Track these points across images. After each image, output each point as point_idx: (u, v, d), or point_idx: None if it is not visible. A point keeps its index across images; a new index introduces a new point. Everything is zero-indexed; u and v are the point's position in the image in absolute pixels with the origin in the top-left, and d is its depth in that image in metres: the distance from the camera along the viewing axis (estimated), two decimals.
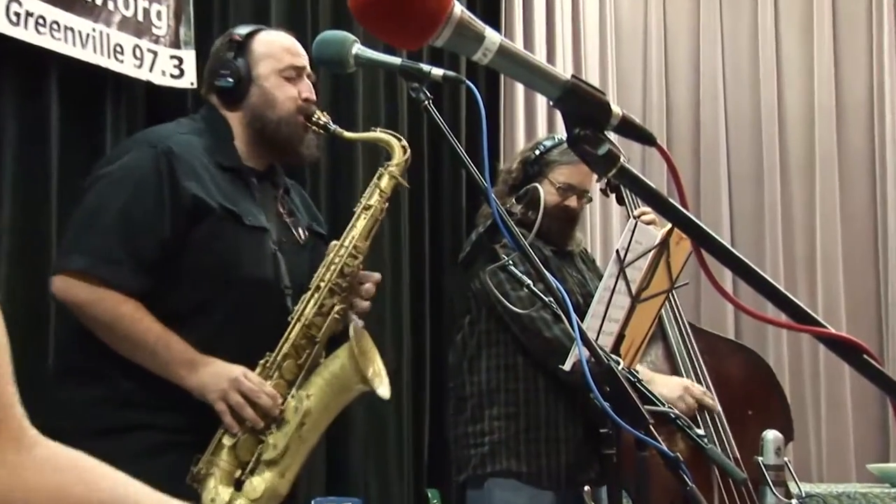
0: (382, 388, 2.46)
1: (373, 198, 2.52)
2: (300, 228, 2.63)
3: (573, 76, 1.08)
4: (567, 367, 2.56)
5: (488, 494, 3.12)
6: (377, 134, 2.61)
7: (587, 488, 2.73)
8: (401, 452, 4.32)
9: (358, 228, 2.50)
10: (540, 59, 1.42)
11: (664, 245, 2.78)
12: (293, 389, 2.41)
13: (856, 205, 5.62)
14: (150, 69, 3.36)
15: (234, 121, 2.56)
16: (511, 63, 1.08)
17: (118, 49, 3.25)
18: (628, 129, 1.10)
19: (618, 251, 2.70)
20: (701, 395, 3.23)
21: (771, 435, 2.92)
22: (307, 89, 2.58)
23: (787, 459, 2.93)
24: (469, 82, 2.09)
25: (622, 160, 1.08)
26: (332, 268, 2.47)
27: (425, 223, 4.60)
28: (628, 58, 5.71)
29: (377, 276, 2.58)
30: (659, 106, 5.68)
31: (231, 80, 2.54)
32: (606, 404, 1.81)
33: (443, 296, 4.59)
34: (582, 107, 1.08)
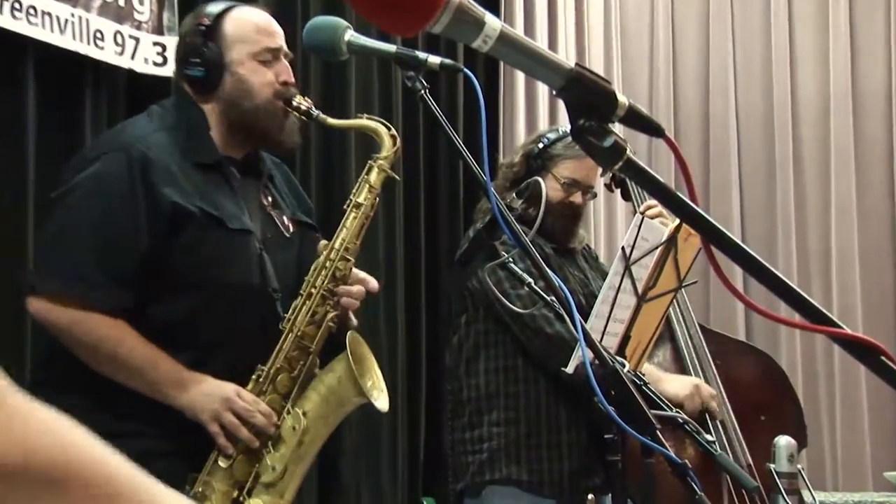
0: (381, 401, 2.44)
1: (362, 194, 2.47)
2: (285, 219, 2.57)
3: (577, 64, 1.08)
4: (570, 369, 2.57)
5: (487, 503, 3.13)
6: (363, 121, 2.56)
7: (591, 496, 2.74)
8: (394, 459, 4.33)
9: (348, 228, 2.46)
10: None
11: (672, 241, 2.78)
12: (288, 404, 2.40)
13: (873, 199, 5.63)
14: (132, 56, 3.36)
15: (209, 111, 2.49)
16: (512, 50, 1.08)
17: (98, 35, 3.24)
18: (635, 119, 1.10)
19: (623, 248, 2.70)
20: (708, 398, 3.24)
21: (783, 441, 2.93)
22: (285, 71, 2.50)
23: (800, 466, 2.93)
24: (467, 71, 2.09)
25: (629, 152, 1.08)
26: (324, 272, 2.43)
27: (421, 219, 4.60)
28: (634, 47, 5.72)
29: (373, 285, 2.54)
30: (666, 97, 5.69)
31: (202, 68, 2.46)
32: (611, 408, 1.82)
33: (439, 295, 4.59)
34: (587, 96, 1.08)
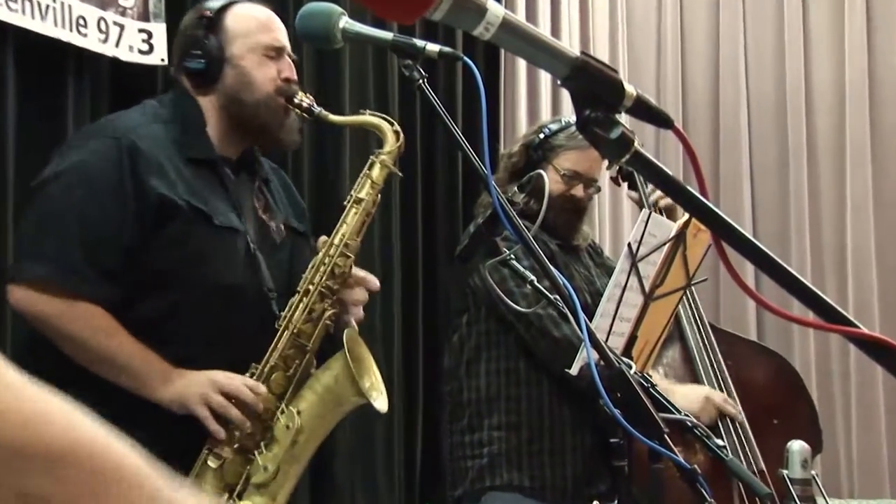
0: (380, 402, 2.45)
1: (364, 190, 2.50)
2: (276, 224, 2.60)
3: (583, 52, 1.08)
4: (574, 370, 2.57)
5: None
6: (367, 117, 2.58)
7: (596, 503, 2.74)
8: (391, 463, 4.33)
9: (349, 224, 2.48)
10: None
11: (680, 238, 2.78)
12: (283, 404, 2.41)
13: (891, 191, 5.62)
14: (117, 44, 3.36)
15: (207, 105, 2.53)
16: (515, 38, 1.08)
17: (81, 22, 3.24)
18: (643, 110, 1.10)
19: (630, 244, 2.70)
20: (722, 403, 3.24)
21: (797, 446, 2.93)
22: (287, 68, 2.55)
23: (814, 472, 2.93)
24: (467, 59, 2.09)
25: (636, 144, 1.08)
26: (322, 268, 2.45)
27: (418, 213, 4.60)
28: (640, 32, 5.71)
29: (374, 283, 2.56)
30: (674, 85, 5.68)
31: (203, 60, 2.50)
32: (617, 411, 1.82)
33: (437, 293, 4.59)
34: (593, 86, 1.08)
